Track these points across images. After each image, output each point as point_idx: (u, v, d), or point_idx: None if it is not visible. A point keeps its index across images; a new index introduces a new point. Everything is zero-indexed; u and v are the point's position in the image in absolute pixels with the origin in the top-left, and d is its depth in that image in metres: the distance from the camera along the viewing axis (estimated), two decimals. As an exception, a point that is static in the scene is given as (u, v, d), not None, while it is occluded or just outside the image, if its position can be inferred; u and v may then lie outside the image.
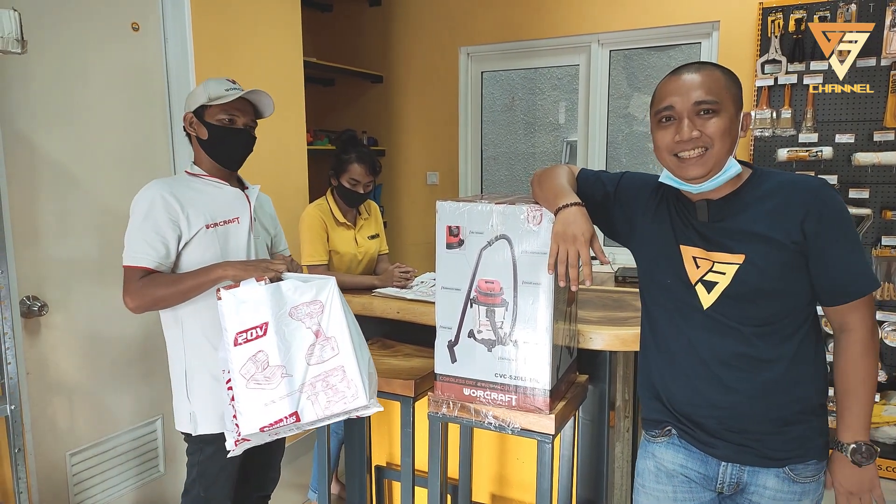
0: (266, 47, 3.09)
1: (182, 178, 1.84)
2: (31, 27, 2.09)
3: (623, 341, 1.82)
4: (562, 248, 1.36)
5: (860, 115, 3.16)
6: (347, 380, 1.59)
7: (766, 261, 1.29)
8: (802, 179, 1.32)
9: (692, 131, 1.28)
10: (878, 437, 3.19)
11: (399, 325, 2.27)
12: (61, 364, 2.34)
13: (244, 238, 1.86)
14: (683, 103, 1.29)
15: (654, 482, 1.50)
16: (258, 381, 1.55)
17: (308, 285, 1.62)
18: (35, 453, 2.25)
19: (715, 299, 1.35)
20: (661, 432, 1.49)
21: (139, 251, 1.69)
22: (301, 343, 1.58)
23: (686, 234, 1.39)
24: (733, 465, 1.40)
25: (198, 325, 1.79)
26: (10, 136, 2.14)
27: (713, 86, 1.28)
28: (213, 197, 1.83)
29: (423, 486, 1.89)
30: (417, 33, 4.38)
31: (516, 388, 1.56)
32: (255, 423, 1.54)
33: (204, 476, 1.84)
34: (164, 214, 1.70)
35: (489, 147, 4.43)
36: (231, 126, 1.82)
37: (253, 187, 1.95)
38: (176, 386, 1.85)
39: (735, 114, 1.31)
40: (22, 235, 2.19)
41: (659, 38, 3.73)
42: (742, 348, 1.34)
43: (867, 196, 3.13)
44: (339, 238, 2.65)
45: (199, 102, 1.80)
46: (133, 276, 1.70)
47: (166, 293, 1.70)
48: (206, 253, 1.77)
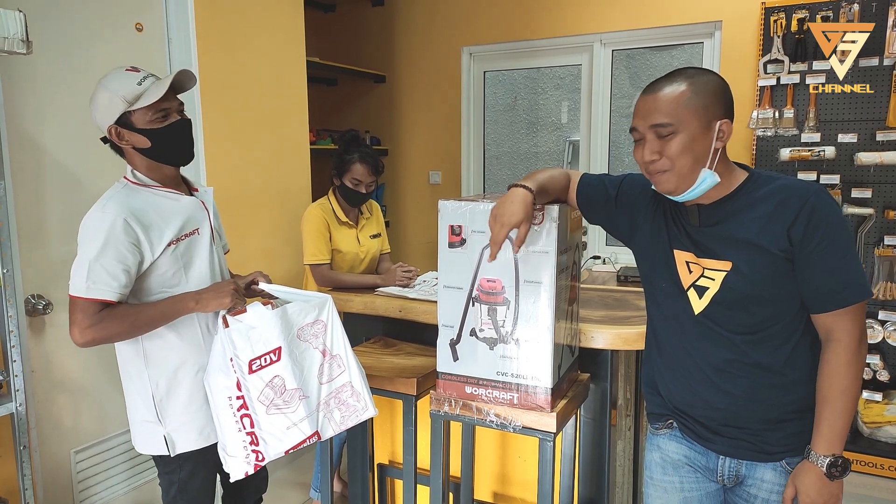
0: (269, 47, 3.10)
1: (133, 192, 1.64)
2: (36, 28, 2.11)
3: (625, 340, 1.83)
4: (492, 226, 1.41)
5: (863, 115, 3.16)
6: (356, 394, 1.67)
7: (752, 268, 1.30)
8: (797, 185, 1.30)
9: (652, 154, 1.30)
10: (880, 437, 3.19)
11: (401, 323, 2.28)
12: (66, 362, 2.35)
13: (206, 249, 1.73)
14: (643, 125, 1.31)
15: (661, 474, 1.53)
16: (278, 405, 1.57)
17: (310, 305, 1.65)
18: (40, 451, 2.26)
19: (705, 305, 1.36)
20: (664, 425, 1.52)
21: (99, 282, 1.53)
22: (312, 364, 1.63)
23: (679, 239, 1.40)
24: (731, 458, 1.42)
25: (159, 343, 1.67)
26: (15, 135, 2.15)
27: (670, 106, 1.27)
28: (173, 210, 1.67)
29: (426, 484, 1.90)
30: (420, 33, 4.39)
31: (518, 386, 1.57)
32: (279, 448, 1.58)
33: (185, 492, 1.75)
34: (125, 240, 1.55)
35: (491, 147, 4.43)
36: (169, 122, 1.62)
37: (204, 190, 1.81)
38: (138, 409, 1.71)
39: (699, 129, 1.28)
40: (27, 234, 2.20)
41: (661, 38, 3.73)
42: (732, 353, 1.35)
43: (870, 196, 3.13)
44: (342, 237, 2.66)
45: (119, 110, 1.57)
46: (88, 309, 1.53)
47: (125, 329, 1.57)
48: (169, 271, 1.65)
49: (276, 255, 3.19)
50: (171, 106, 1.63)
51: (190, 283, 1.69)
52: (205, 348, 1.70)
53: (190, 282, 1.69)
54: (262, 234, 3.12)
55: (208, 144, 2.78)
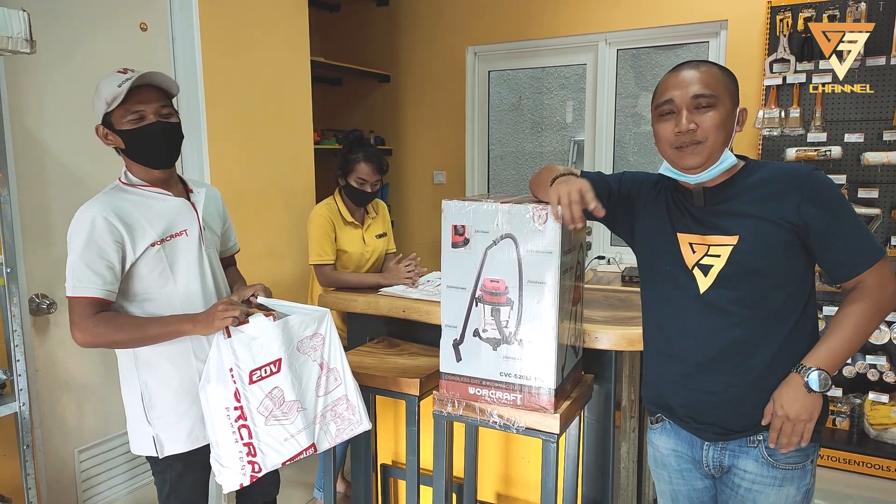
0: (274, 47, 3.10)
1: (120, 193, 1.66)
2: (40, 28, 2.11)
3: (629, 341, 1.82)
4: (562, 191, 1.38)
5: (869, 115, 3.14)
6: (352, 407, 1.70)
7: (758, 239, 1.35)
8: (792, 166, 1.40)
9: (689, 123, 1.35)
10: (887, 439, 3.17)
11: (405, 323, 2.27)
12: (70, 362, 2.36)
13: (194, 251, 1.72)
14: (682, 97, 1.36)
15: (654, 466, 1.63)
16: (277, 416, 1.58)
17: (310, 318, 1.66)
18: (44, 450, 2.27)
19: (711, 282, 1.40)
20: (656, 419, 1.59)
21: (84, 279, 1.55)
22: (310, 376, 1.65)
23: (683, 222, 1.46)
24: (714, 446, 1.46)
25: (149, 346, 1.67)
26: (19, 135, 2.16)
27: (710, 81, 1.36)
28: (158, 211, 1.67)
29: (429, 484, 1.89)
30: (425, 33, 4.39)
31: (521, 387, 1.56)
32: (277, 459, 1.58)
33: (177, 491, 1.77)
34: (107, 236, 1.56)
35: (496, 146, 4.43)
36: (143, 124, 1.61)
37: (199, 191, 1.80)
38: (131, 409, 1.73)
39: (731, 109, 1.38)
40: (31, 234, 2.21)
41: (666, 37, 3.72)
42: (736, 331, 1.38)
43: (876, 196, 3.11)
44: (347, 237, 2.66)
45: (102, 110, 1.60)
46: (83, 309, 1.55)
47: (124, 338, 1.60)
48: (154, 272, 1.64)
49: (281, 255, 3.19)
50: (146, 108, 1.61)
51: (178, 285, 1.69)
52: (192, 352, 1.71)
53: (178, 283, 1.69)
54: (267, 234, 3.11)
55: (212, 144, 2.78)
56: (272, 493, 2.06)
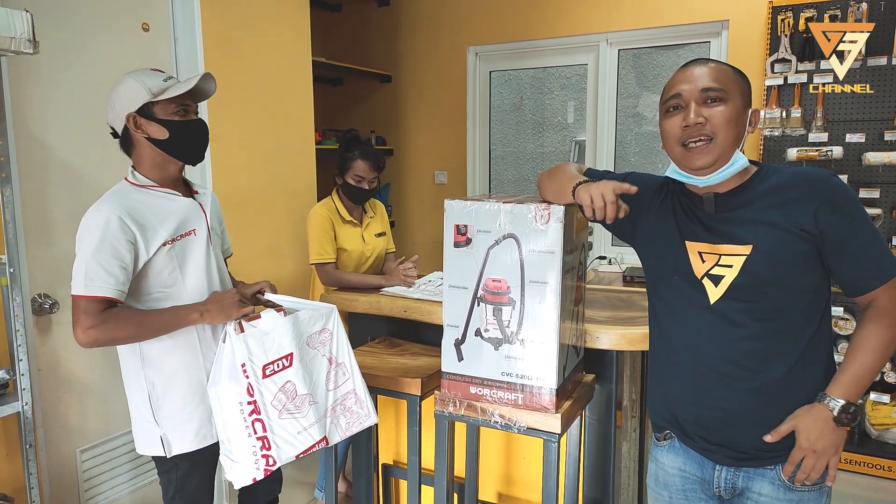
0: (275, 47, 3.11)
1: (130, 193, 1.66)
2: (43, 28, 2.11)
3: (630, 341, 1.82)
4: (594, 192, 1.34)
5: (871, 115, 3.14)
6: (360, 401, 1.74)
7: (774, 248, 1.28)
8: (811, 171, 1.31)
9: (698, 117, 1.29)
10: (888, 439, 3.17)
11: (406, 323, 2.28)
12: (72, 361, 2.36)
13: (203, 250, 1.74)
14: (691, 90, 1.30)
15: (654, 485, 1.54)
16: (290, 410, 1.60)
17: (318, 314, 1.69)
18: (46, 449, 2.27)
19: (722, 293, 1.33)
20: (663, 436, 1.51)
21: (97, 279, 1.53)
22: (320, 370, 1.68)
23: (691, 230, 1.39)
24: (727, 469, 1.40)
25: (156, 345, 1.67)
26: (22, 135, 2.16)
27: (721, 76, 1.30)
28: (168, 211, 1.68)
29: (430, 484, 1.89)
30: (426, 33, 4.39)
31: (523, 386, 1.57)
32: (291, 452, 1.60)
33: (183, 491, 1.77)
34: (120, 236, 1.56)
35: (497, 146, 4.43)
36: (189, 118, 1.68)
37: (204, 192, 1.83)
38: (137, 409, 1.73)
39: (742, 107, 1.32)
40: (34, 234, 2.21)
41: (668, 38, 3.72)
42: (748, 344, 1.31)
43: (878, 196, 3.11)
44: (347, 235, 2.67)
45: (143, 99, 1.62)
46: (90, 308, 1.53)
47: (130, 333, 1.59)
48: (165, 271, 1.66)
49: (282, 255, 3.20)
50: (191, 105, 1.70)
51: (186, 284, 1.70)
52: (200, 351, 1.72)
53: (186, 282, 1.70)
54: (268, 233, 3.12)
55: (214, 144, 2.76)
56: (275, 490, 2.06)
